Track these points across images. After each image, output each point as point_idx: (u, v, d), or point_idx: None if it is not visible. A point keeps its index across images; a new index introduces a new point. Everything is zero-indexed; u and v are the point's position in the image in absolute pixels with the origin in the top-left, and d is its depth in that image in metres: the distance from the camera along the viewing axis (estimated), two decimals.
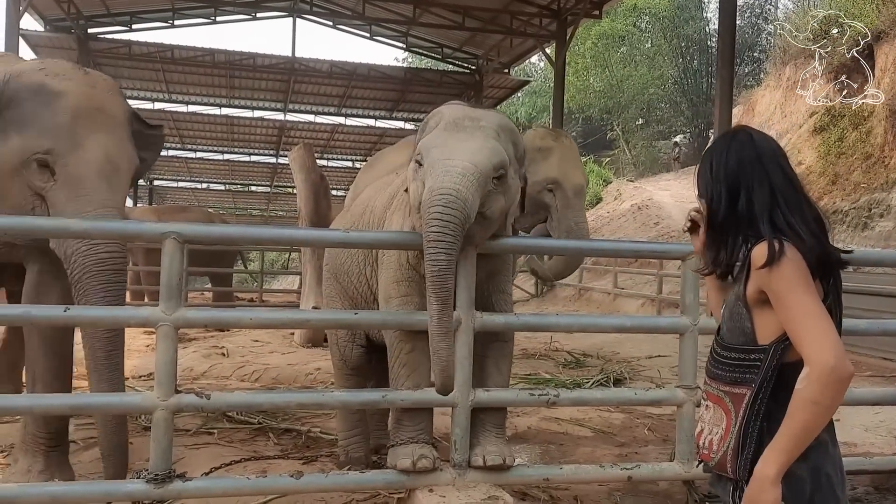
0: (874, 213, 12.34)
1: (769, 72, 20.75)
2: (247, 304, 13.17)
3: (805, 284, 1.57)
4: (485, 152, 2.75)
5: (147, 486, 2.75)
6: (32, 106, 2.99)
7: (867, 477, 3.70)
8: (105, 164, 3.02)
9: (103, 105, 3.11)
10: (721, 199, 1.70)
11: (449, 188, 2.62)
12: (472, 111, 2.98)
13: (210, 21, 18.03)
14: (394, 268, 3.18)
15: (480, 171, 2.69)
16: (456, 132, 2.84)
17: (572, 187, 5.96)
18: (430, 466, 2.94)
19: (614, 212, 20.91)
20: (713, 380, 1.74)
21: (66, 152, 2.94)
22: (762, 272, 1.59)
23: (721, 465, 1.67)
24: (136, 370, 6.23)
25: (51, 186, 2.95)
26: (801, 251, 1.59)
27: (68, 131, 2.96)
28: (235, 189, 32.73)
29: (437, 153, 2.75)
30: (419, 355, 3.09)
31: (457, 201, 2.61)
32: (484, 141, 2.80)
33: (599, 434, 4.71)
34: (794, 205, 1.66)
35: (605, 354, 7.88)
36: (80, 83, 3.09)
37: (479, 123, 2.87)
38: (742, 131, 1.77)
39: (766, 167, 1.68)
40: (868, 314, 6.17)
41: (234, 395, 3.33)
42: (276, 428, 4.45)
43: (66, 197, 2.93)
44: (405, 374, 3.12)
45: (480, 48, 19.22)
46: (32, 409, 3.06)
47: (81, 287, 2.93)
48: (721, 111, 11.00)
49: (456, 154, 2.72)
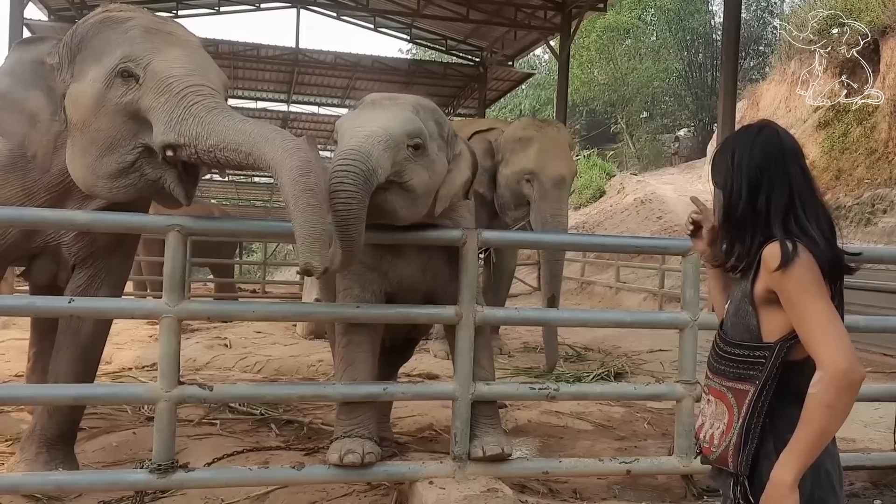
0: (877, 208, 12.33)
1: (774, 66, 20.65)
2: (249, 295, 13.21)
3: (817, 288, 1.57)
4: (395, 119, 2.80)
5: (150, 475, 2.78)
6: (102, 36, 2.83)
7: (865, 473, 3.73)
8: (189, 62, 2.79)
9: (174, 31, 2.96)
10: (741, 192, 1.68)
11: (351, 146, 2.67)
12: (394, 94, 3.05)
13: (214, 11, 17.98)
14: None
15: (388, 133, 2.73)
16: (371, 108, 2.91)
17: (550, 178, 5.93)
18: (358, 462, 2.90)
19: (617, 205, 20.88)
20: (715, 375, 1.75)
21: (146, 55, 2.74)
22: (774, 274, 1.59)
23: (722, 459, 1.68)
24: (139, 360, 6.26)
25: (140, 94, 2.71)
26: (815, 255, 1.58)
27: (144, 41, 2.78)
28: (238, 180, 32.72)
29: (348, 124, 2.82)
30: (355, 350, 3.12)
31: (358, 153, 2.64)
32: (397, 112, 2.86)
33: (599, 428, 4.73)
34: (810, 208, 1.65)
35: (606, 348, 7.88)
36: (147, 14, 3.00)
37: (396, 101, 2.95)
38: (769, 126, 1.74)
39: (789, 167, 1.67)
40: (868, 310, 6.18)
41: (237, 386, 3.37)
42: (278, 419, 4.47)
43: (156, 94, 2.69)
44: (342, 367, 3.14)
45: (485, 40, 19.17)
46: (36, 398, 3.10)
47: None
48: (725, 105, 10.95)
49: (366, 123, 2.78)
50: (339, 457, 2.91)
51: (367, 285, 3.15)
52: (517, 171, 5.86)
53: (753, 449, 1.62)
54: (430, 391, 3.18)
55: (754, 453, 1.63)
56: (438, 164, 2.96)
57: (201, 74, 2.78)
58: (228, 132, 2.59)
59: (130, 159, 2.77)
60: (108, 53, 2.77)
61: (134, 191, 2.85)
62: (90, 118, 2.77)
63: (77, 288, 3.23)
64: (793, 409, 1.61)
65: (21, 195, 3.06)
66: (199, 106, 2.65)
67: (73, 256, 3.22)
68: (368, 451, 2.95)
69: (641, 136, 29.69)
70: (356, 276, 3.14)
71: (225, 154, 2.60)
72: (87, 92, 2.78)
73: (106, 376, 5.59)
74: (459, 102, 21.50)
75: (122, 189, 2.82)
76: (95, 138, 2.77)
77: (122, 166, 2.78)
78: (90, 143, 2.78)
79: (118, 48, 2.76)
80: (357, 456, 2.91)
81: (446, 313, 3.11)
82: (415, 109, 2.93)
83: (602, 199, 22.74)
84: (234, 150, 2.58)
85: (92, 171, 2.80)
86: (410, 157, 2.81)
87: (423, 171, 2.86)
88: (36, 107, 2.93)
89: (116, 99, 2.74)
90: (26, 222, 2.98)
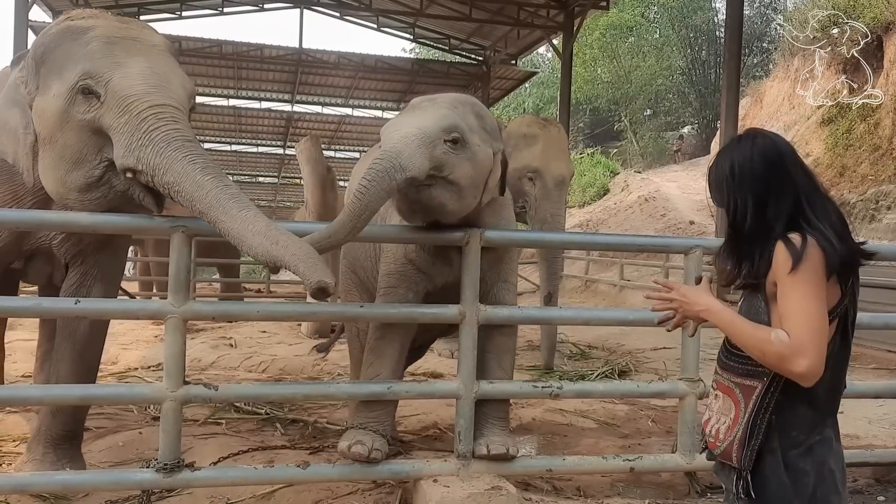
0: (881, 205, 12.32)
1: (778, 63, 20.63)
2: (254, 295, 13.24)
3: (815, 285, 1.56)
4: (430, 118, 2.88)
5: (156, 475, 2.80)
6: (64, 48, 2.79)
7: (869, 469, 3.73)
8: (151, 76, 2.72)
9: (139, 36, 2.88)
10: (747, 206, 1.65)
11: (383, 150, 2.79)
12: (433, 96, 3.11)
13: (218, 12, 17.99)
14: (390, 261, 3.27)
15: (422, 132, 2.81)
16: (410, 112, 2.99)
17: (553, 178, 5.92)
18: (364, 453, 2.95)
19: (621, 203, 20.88)
20: (725, 370, 1.76)
21: (106, 71, 2.69)
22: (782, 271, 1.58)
23: (727, 453, 1.69)
24: (144, 361, 6.29)
25: (101, 112, 2.68)
26: (826, 252, 1.58)
27: (105, 54, 2.73)
28: (243, 180, 32.79)
29: (388, 130, 2.90)
30: (387, 344, 3.21)
31: (385, 153, 2.75)
32: (432, 111, 2.93)
33: (603, 425, 4.74)
34: (819, 207, 1.65)
35: (611, 346, 7.90)
36: (110, 20, 2.93)
37: (433, 101, 3.02)
38: (761, 134, 1.72)
39: (791, 170, 1.66)
40: (872, 307, 6.18)
41: (242, 386, 3.39)
42: (284, 418, 4.49)
43: (116, 113, 2.66)
44: (370, 359, 3.23)
45: (488, 39, 19.16)
46: (43, 399, 3.12)
47: None
48: (728, 103, 10.93)
49: (402, 126, 2.87)
50: (347, 445, 2.98)
51: (413, 286, 3.24)
52: (520, 167, 5.81)
53: (758, 444, 1.64)
54: (433, 390, 3.20)
55: (758, 449, 1.64)
56: (481, 155, 2.99)
57: (164, 89, 2.72)
58: (186, 180, 2.56)
59: (98, 173, 2.76)
60: (68, 68, 2.74)
61: (105, 202, 2.84)
62: (56, 133, 2.76)
63: (71, 286, 3.26)
64: (799, 407, 1.62)
65: (9, 198, 3.12)
66: (158, 133, 2.61)
67: (63, 256, 3.26)
68: (376, 448, 2.99)
69: (645, 133, 29.64)
70: (403, 276, 3.22)
71: (180, 197, 2.60)
72: (50, 107, 2.76)
73: (112, 376, 5.63)
74: None
75: (93, 202, 2.83)
76: (63, 153, 2.76)
77: (91, 180, 2.77)
78: (59, 158, 2.78)
79: (79, 63, 2.72)
80: (365, 448, 2.96)
81: (449, 312, 3.13)
82: (451, 106, 2.99)
83: (606, 197, 22.73)
84: (187, 200, 2.57)
85: (63, 184, 2.81)
86: (450, 151, 2.86)
87: (466, 163, 2.91)
88: (15, 123, 2.92)
89: (79, 115, 2.71)
90: (30, 224, 3.01)
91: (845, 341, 1.66)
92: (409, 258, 3.20)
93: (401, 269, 3.20)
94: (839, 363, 1.66)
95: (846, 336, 1.66)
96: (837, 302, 1.62)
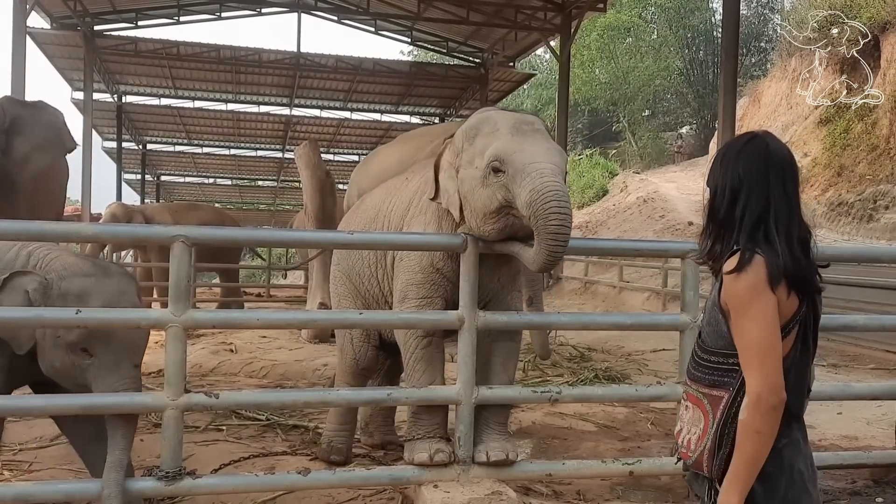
0: (879, 204, 12.34)
1: (775, 63, 20.68)
2: (254, 298, 13.26)
3: (759, 305, 1.60)
4: (556, 153, 2.95)
5: (158, 483, 2.82)
6: None
7: (867, 470, 3.74)
8: None
9: None
10: (724, 197, 1.72)
11: (554, 188, 2.78)
12: (517, 115, 3.12)
13: (215, 17, 18.04)
14: (414, 270, 3.24)
15: (561, 170, 2.89)
16: (524, 136, 2.97)
17: None
18: (447, 460, 3.05)
19: (620, 204, 20.90)
20: (693, 381, 1.79)
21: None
22: (728, 278, 1.64)
23: (698, 463, 1.72)
24: (145, 367, 6.27)
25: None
26: (770, 265, 1.61)
27: None
28: (242, 184, 32.82)
29: (520, 157, 2.87)
30: (434, 350, 3.24)
31: (565, 195, 2.81)
32: (549, 143, 3.01)
33: (603, 429, 4.76)
34: (783, 223, 1.67)
35: (609, 348, 7.91)
36: None
37: (534, 126, 3.05)
38: (759, 137, 1.75)
39: (770, 181, 1.68)
40: (869, 308, 6.20)
41: (242, 393, 3.40)
42: (284, 424, 4.51)
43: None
44: (421, 368, 3.23)
45: (485, 42, 19.20)
46: (45, 409, 3.13)
47: None
48: (725, 103, 10.95)
49: (537, 157, 2.87)
50: (429, 455, 3.06)
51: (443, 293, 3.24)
52: None
53: (726, 454, 1.66)
54: (433, 395, 3.21)
55: (727, 458, 1.66)
56: None
57: None
58: None
59: None
60: None
61: None
62: None
63: None
64: None
65: None
66: None
67: None
68: (452, 452, 3.11)
69: (643, 134, 29.69)
70: (436, 286, 3.22)
71: None
72: None
73: None
74: (461, 104, 21.52)
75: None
76: None
77: None
78: None
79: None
80: (445, 455, 3.07)
81: (448, 318, 3.14)
82: (549, 135, 3.08)
83: (605, 199, 22.76)
84: None
85: None
86: None
87: None
88: None
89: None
90: (32, 235, 3.02)
91: (806, 346, 1.69)
92: (436, 266, 3.20)
93: (431, 279, 3.21)
94: (801, 368, 1.69)
95: (807, 341, 1.69)
96: (794, 312, 1.65)
